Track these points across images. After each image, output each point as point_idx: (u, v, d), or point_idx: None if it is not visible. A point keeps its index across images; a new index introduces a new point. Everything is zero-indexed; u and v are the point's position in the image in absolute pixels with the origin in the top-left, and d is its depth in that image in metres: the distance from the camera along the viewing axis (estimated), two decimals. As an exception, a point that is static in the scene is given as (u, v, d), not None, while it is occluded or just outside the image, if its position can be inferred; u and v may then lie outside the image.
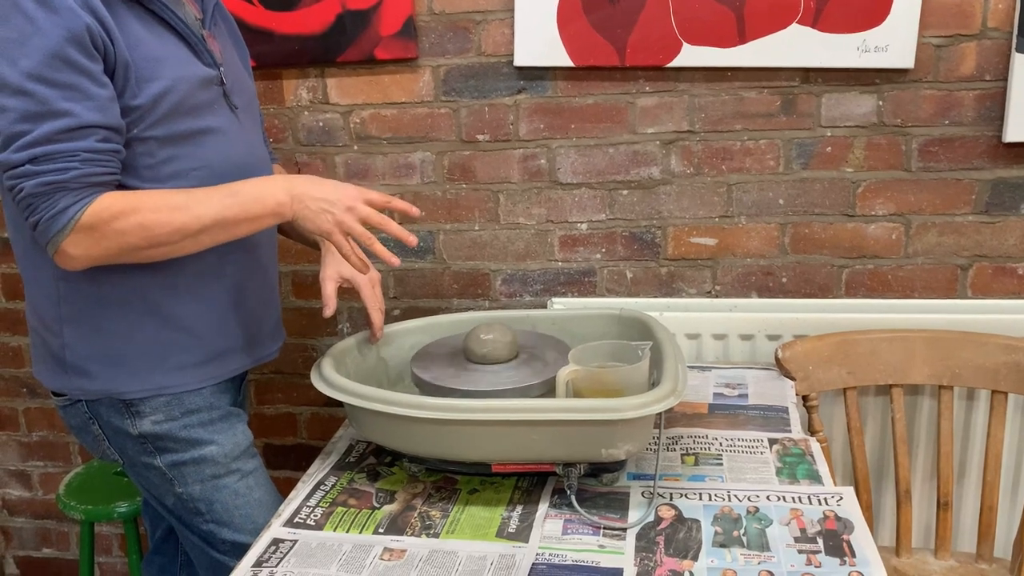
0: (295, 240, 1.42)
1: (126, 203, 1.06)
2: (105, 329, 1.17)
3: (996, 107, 1.55)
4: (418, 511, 1.14)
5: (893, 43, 1.53)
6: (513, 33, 1.62)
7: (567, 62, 1.62)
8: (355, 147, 1.75)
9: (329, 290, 1.28)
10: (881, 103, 1.58)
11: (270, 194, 1.12)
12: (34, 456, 2.12)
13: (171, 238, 1.08)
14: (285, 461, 1.99)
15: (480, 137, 1.71)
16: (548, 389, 1.18)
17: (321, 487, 1.21)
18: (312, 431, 1.96)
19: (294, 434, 1.97)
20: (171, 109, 1.11)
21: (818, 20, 1.53)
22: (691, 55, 1.59)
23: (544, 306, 1.76)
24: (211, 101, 1.18)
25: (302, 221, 1.14)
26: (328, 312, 1.26)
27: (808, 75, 1.59)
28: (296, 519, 1.13)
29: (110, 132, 1.06)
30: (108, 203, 1.05)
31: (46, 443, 2.09)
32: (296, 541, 1.08)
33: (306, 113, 1.74)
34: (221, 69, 1.21)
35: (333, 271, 1.30)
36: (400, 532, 1.09)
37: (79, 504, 1.69)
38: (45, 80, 1.00)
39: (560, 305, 1.73)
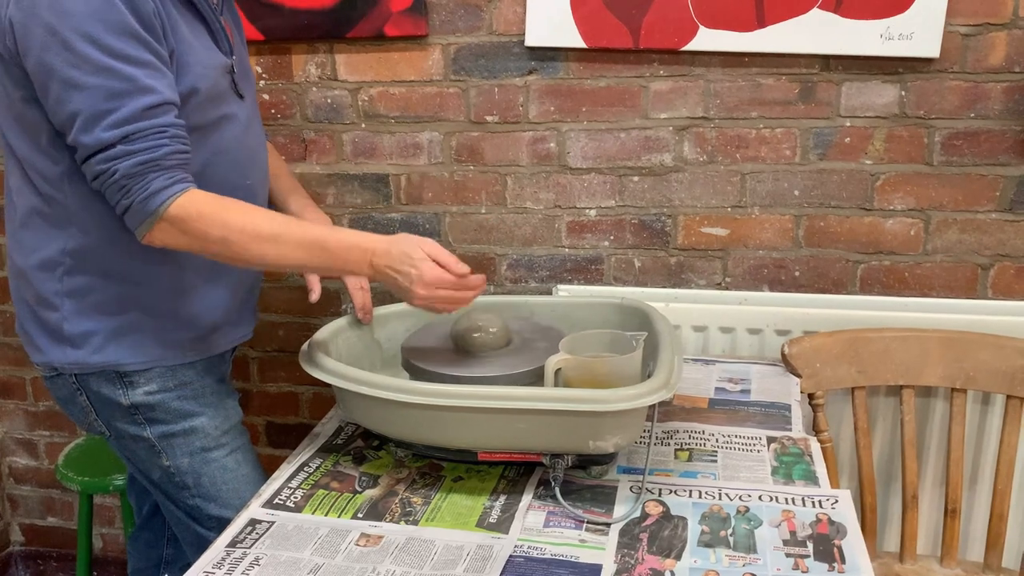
0: None
1: (216, 207, 1.07)
2: (107, 303, 1.17)
3: (1025, 100, 1.49)
4: (400, 497, 1.11)
5: (918, 31, 1.47)
6: (525, 12, 1.58)
7: (579, 43, 1.58)
8: (363, 125, 1.72)
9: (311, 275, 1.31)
10: (904, 93, 1.52)
11: (356, 261, 1.12)
12: (40, 425, 2.13)
13: (248, 260, 1.11)
14: (287, 440, 1.98)
15: (489, 118, 1.67)
16: (539, 377, 1.14)
17: (305, 468, 1.19)
18: (314, 410, 1.95)
19: (296, 413, 1.96)
20: (201, 99, 1.12)
21: (840, 5, 1.48)
22: (707, 39, 1.54)
23: (549, 292, 1.73)
24: (225, 89, 1.18)
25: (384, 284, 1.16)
26: (314, 297, 1.29)
27: (828, 62, 1.53)
28: (276, 500, 1.11)
29: (178, 110, 1.06)
30: (199, 199, 1.06)
31: (53, 412, 2.10)
32: (273, 523, 1.06)
33: (314, 89, 1.72)
34: (233, 57, 1.21)
35: None
36: (379, 518, 1.07)
37: (77, 475, 1.69)
38: (127, 58, 1.01)
39: (565, 292, 1.70)
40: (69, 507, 2.19)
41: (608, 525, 1.04)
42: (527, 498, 1.10)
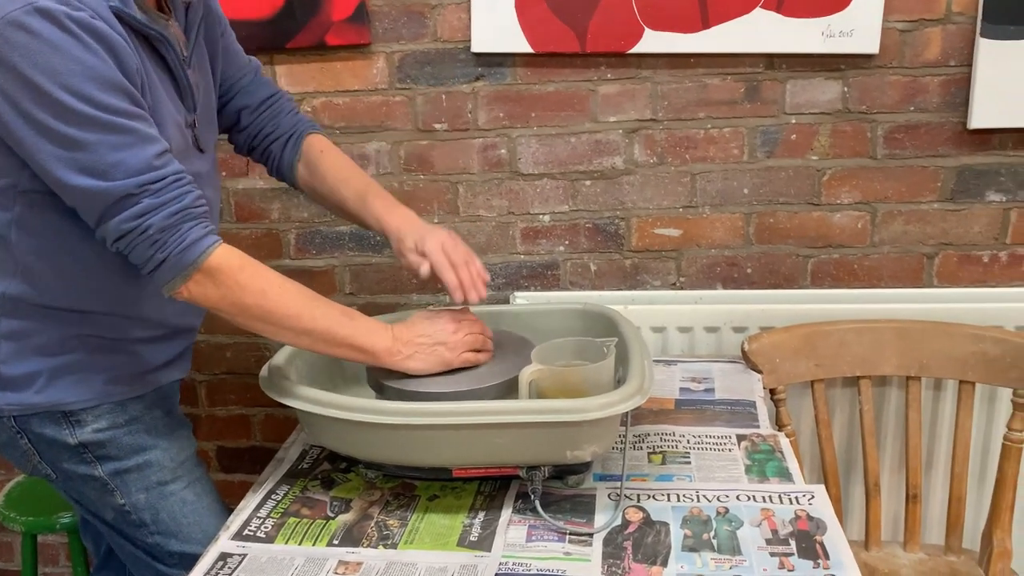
0: (359, 225, 1.36)
1: (257, 267, 1.06)
2: (49, 345, 1.10)
3: (961, 93, 1.53)
4: (375, 520, 1.08)
5: (858, 28, 1.50)
6: (470, 18, 1.56)
7: (526, 48, 1.57)
8: (307, 137, 1.67)
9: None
10: (846, 89, 1.55)
11: (379, 334, 1.12)
12: (-26, 464, 2.02)
13: (280, 320, 1.06)
14: (239, 464, 1.92)
15: (437, 126, 1.65)
16: (510, 389, 1.13)
17: (272, 496, 1.15)
18: (267, 433, 1.89)
19: (248, 436, 1.90)
20: None
21: (782, 5, 1.50)
22: (653, 41, 1.55)
23: (507, 300, 1.71)
24: (188, 146, 1.13)
25: (408, 362, 1.13)
26: (425, 270, 1.21)
27: (772, 61, 1.56)
28: (245, 531, 1.07)
29: None
30: (240, 257, 1.04)
31: (-14, 450, 1.99)
32: (245, 555, 1.02)
33: (255, 102, 1.67)
34: (196, 113, 1.15)
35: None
36: (356, 543, 1.03)
37: (20, 515, 1.60)
38: (122, 111, 0.96)
39: (523, 299, 1.68)
40: (8, 548, 2.08)
41: (591, 535, 1.03)
42: (507, 513, 1.08)
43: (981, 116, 1.52)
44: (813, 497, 1.09)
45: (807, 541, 1.00)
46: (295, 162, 1.32)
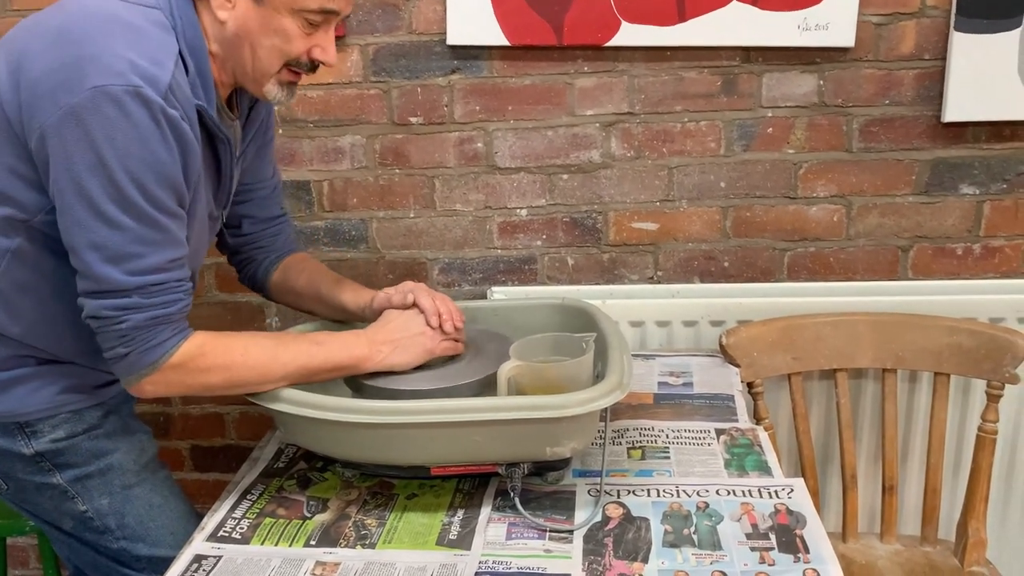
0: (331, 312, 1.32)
1: (216, 343, 1.04)
2: (1, 360, 1.08)
3: (935, 86, 1.54)
4: (352, 520, 1.07)
5: (833, 21, 1.50)
6: (445, 10, 1.55)
7: (502, 41, 1.55)
8: (280, 131, 1.65)
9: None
10: (822, 82, 1.55)
11: (353, 344, 1.12)
12: (-60, 465, 1.97)
13: (252, 381, 1.06)
14: (214, 463, 1.90)
15: (413, 119, 1.63)
16: (489, 385, 1.12)
17: (248, 496, 1.13)
18: (242, 431, 1.87)
19: (222, 435, 1.88)
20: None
21: (758, -3, 1.50)
22: (630, 34, 1.54)
23: (484, 295, 1.70)
24: (204, 240, 1.14)
25: (391, 359, 1.13)
26: (410, 299, 1.21)
27: (749, 54, 1.55)
28: (220, 532, 1.05)
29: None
30: (200, 342, 1.03)
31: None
32: (220, 557, 1.00)
33: (227, 95, 1.64)
34: (224, 210, 1.18)
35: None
36: (333, 544, 1.02)
37: (-12, 518, 1.57)
38: (166, 210, 0.97)
39: (500, 294, 1.67)
40: (-24, 551, 2.04)
41: (571, 532, 1.02)
42: (486, 511, 1.07)
43: (955, 109, 1.53)
44: (792, 491, 1.09)
45: (787, 535, 1.00)
46: (272, 270, 1.33)
